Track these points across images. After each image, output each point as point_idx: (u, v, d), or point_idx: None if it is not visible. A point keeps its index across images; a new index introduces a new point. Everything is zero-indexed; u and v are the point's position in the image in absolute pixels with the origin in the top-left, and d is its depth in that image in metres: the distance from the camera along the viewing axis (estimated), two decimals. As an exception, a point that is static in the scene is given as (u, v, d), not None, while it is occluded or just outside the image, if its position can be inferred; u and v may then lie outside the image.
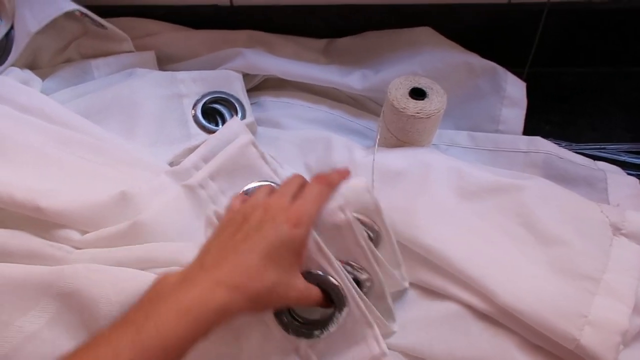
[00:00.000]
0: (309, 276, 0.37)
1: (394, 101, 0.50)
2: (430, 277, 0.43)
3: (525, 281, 0.39)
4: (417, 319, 0.42)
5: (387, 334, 0.42)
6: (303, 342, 0.39)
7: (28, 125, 0.48)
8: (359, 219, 0.39)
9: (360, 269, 0.39)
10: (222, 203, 0.47)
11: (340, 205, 0.37)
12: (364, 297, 0.38)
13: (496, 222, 0.43)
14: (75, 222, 0.43)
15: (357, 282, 0.39)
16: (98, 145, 0.49)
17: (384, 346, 0.37)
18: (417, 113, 0.49)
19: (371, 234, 0.41)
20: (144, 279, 0.38)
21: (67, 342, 0.37)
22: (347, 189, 0.39)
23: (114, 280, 0.38)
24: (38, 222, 0.42)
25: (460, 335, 0.41)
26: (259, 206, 0.36)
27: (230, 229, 0.35)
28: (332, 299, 0.37)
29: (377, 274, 0.39)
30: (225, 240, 0.34)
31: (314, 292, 0.36)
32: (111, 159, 0.49)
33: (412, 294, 0.44)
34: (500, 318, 0.40)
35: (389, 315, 0.42)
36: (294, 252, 0.34)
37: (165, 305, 0.30)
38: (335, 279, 0.37)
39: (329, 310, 0.38)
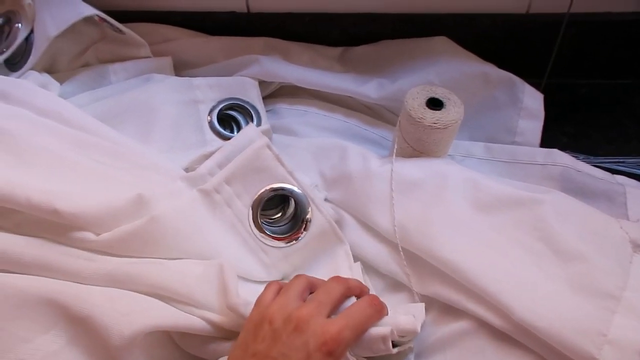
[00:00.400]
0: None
1: (411, 111, 0.49)
2: (446, 290, 0.43)
3: (543, 297, 0.39)
4: (433, 343, 0.42)
5: None
6: None
7: (45, 128, 0.48)
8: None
9: None
10: (238, 206, 0.47)
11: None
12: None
13: (513, 236, 0.43)
14: (91, 225, 0.43)
15: None
16: (114, 149, 0.49)
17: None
18: (434, 123, 0.49)
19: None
20: (157, 313, 0.39)
21: None
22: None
23: (125, 310, 0.38)
24: (54, 224, 0.42)
25: (474, 355, 0.40)
26: (293, 325, 0.33)
27: (257, 348, 0.34)
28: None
29: None
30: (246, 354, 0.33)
31: None
32: (127, 163, 0.49)
33: (427, 318, 0.43)
34: (515, 335, 0.40)
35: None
36: None
37: None
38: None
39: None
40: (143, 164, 0.49)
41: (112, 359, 0.37)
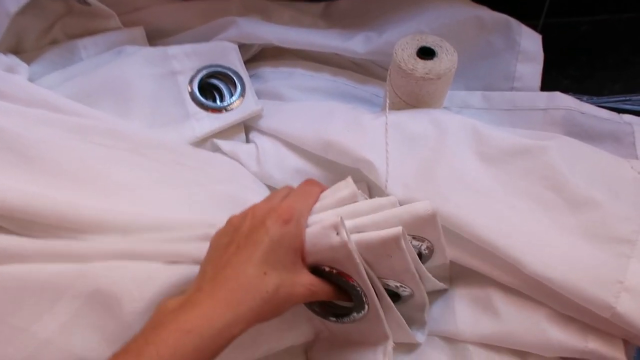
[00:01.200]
0: (329, 275, 0.35)
1: (400, 63, 0.46)
2: (449, 248, 0.40)
3: (555, 248, 0.37)
4: (442, 306, 0.41)
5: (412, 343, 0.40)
6: (317, 319, 0.37)
7: (36, 119, 0.45)
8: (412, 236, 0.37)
9: (403, 286, 0.37)
10: None
11: (335, 224, 0.34)
12: (394, 310, 0.37)
13: (521, 187, 0.40)
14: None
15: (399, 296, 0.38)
16: (114, 130, 0.46)
17: None
18: (427, 74, 0.46)
19: (425, 251, 0.39)
20: (169, 273, 0.37)
21: (83, 346, 0.35)
22: (413, 211, 0.35)
23: (135, 276, 0.36)
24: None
25: (486, 314, 0.39)
26: (247, 214, 0.35)
27: (223, 242, 0.34)
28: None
29: (420, 290, 0.37)
30: (219, 257, 0.33)
31: (322, 286, 0.35)
32: (132, 143, 0.46)
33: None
34: (526, 290, 0.38)
35: (420, 325, 0.40)
36: (291, 249, 0.33)
37: (165, 329, 0.29)
38: (355, 283, 0.35)
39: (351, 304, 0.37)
40: (148, 142, 0.47)
41: (125, 329, 0.35)
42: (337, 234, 0.33)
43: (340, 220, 0.33)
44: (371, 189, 0.48)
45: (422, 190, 0.41)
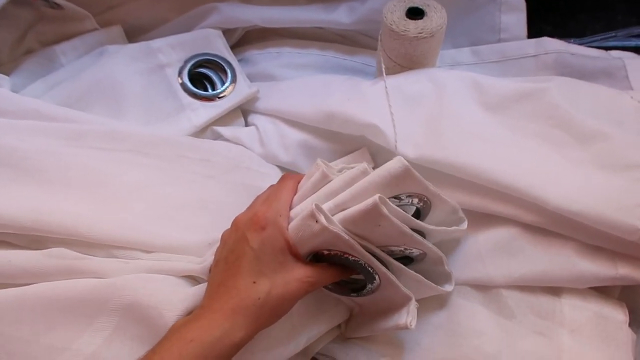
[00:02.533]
0: (330, 257, 0.35)
1: (392, 25, 0.46)
2: (468, 197, 0.41)
3: (574, 181, 0.37)
4: (469, 255, 0.41)
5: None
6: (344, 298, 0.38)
7: (28, 130, 0.43)
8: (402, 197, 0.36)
9: (408, 248, 0.37)
10: None
11: (311, 213, 0.34)
12: (407, 271, 0.37)
13: (529, 129, 0.41)
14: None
15: (411, 258, 0.38)
16: (112, 131, 0.45)
17: (411, 320, 0.36)
18: (420, 33, 0.45)
19: (419, 205, 0.38)
20: (201, 287, 0.38)
21: (131, 355, 0.35)
22: (385, 172, 0.35)
23: (170, 287, 0.37)
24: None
25: (514, 257, 0.39)
26: (232, 227, 0.37)
27: (217, 259, 0.36)
28: None
29: (428, 247, 0.37)
30: (214, 275, 0.36)
31: (323, 272, 0.35)
32: (132, 143, 0.45)
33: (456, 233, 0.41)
34: (550, 226, 0.39)
35: (445, 277, 0.40)
36: (275, 251, 0.34)
37: (169, 340, 0.33)
38: (356, 258, 0.35)
39: None
40: (149, 140, 0.46)
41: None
42: (317, 221, 0.33)
43: (316, 207, 0.33)
44: (375, 155, 0.47)
45: (432, 146, 0.42)
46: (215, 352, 0.31)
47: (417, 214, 0.39)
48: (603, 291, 0.39)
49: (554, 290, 0.39)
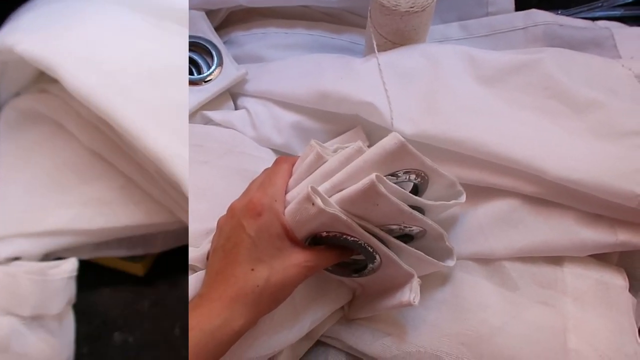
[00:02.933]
0: (329, 239, 0.35)
1: (382, 0, 0.45)
2: (466, 171, 0.41)
3: (572, 151, 0.37)
4: (470, 229, 0.41)
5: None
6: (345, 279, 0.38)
7: None
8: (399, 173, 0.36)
9: (408, 226, 0.37)
10: None
11: (307, 196, 0.33)
12: (408, 249, 0.37)
13: (524, 101, 0.41)
14: None
15: (410, 235, 0.38)
16: None
17: (414, 297, 0.36)
18: (411, 7, 0.45)
19: (417, 181, 0.37)
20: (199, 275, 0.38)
21: None
22: (381, 149, 0.34)
23: None
24: None
25: (515, 228, 0.39)
26: (228, 214, 0.36)
27: (214, 247, 0.36)
28: None
29: (428, 224, 0.37)
30: (212, 263, 0.35)
31: (322, 255, 0.35)
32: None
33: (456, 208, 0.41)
34: (550, 197, 0.39)
35: (447, 253, 0.40)
36: (272, 237, 0.34)
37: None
38: (355, 238, 0.35)
39: None
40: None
41: None
42: (313, 204, 0.33)
43: (312, 190, 0.33)
44: (370, 134, 0.47)
45: (429, 122, 0.41)
46: (216, 341, 0.31)
47: (415, 190, 0.39)
48: (602, 258, 0.40)
49: (556, 260, 0.39)
